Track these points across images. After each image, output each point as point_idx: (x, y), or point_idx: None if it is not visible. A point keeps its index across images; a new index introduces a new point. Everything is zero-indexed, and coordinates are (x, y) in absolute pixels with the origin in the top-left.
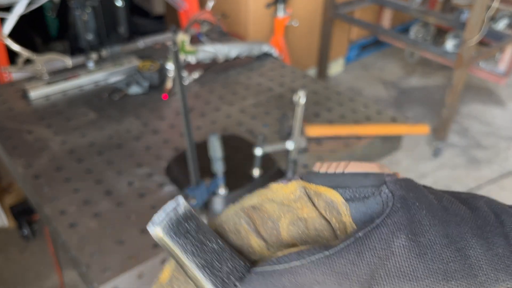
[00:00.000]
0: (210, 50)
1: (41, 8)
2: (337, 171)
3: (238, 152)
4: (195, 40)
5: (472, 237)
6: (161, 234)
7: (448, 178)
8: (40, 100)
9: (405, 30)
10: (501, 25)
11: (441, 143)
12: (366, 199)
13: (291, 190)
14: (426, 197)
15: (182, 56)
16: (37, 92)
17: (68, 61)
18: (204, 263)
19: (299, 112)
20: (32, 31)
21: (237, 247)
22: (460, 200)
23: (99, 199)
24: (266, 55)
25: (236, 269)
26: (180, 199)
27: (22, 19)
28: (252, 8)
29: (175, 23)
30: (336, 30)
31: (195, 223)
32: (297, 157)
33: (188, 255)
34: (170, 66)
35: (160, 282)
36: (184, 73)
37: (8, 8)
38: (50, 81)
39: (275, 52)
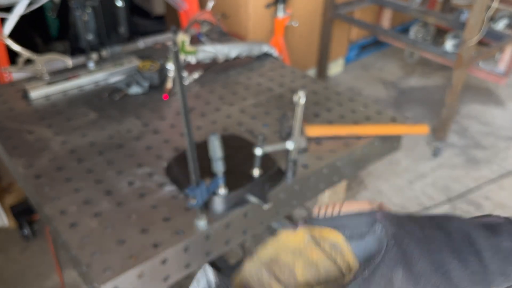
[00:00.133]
0: (210, 50)
1: (41, 8)
2: (334, 213)
3: (238, 152)
4: (195, 40)
5: (452, 260)
6: None
7: (447, 178)
8: (40, 100)
9: (405, 30)
10: (501, 25)
11: (441, 143)
12: (363, 236)
13: (300, 237)
14: (412, 230)
15: (182, 56)
16: (37, 92)
17: (69, 61)
18: None
19: (299, 112)
20: (32, 32)
21: None
22: (437, 225)
23: (100, 199)
24: (266, 55)
25: None
26: (209, 271)
27: (22, 19)
28: (252, 9)
29: (175, 23)
30: (336, 30)
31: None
32: (297, 157)
33: None
34: (170, 66)
35: None
36: (184, 73)
37: (8, 8)
38: (51, 81)
39: (275, 52)
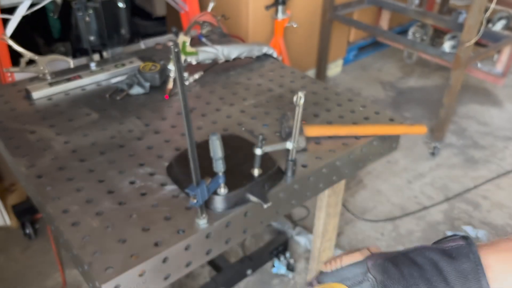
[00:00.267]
0: (211, 51)
1: (43, 9)
2: (337, 267)
3: (238, 151)
4: (196, 41)
5: None
6: None
7: (446, 177)
8: (42, 100)
9: (404, 31)
10: (499, 26)
11: (439, 143)
12: (362, 283)
13: None
14: (393, 272)
15: (183, 57)
16: (39, 93)
17: (70, 62)
18: None
19: (299, 113)
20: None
21: None
22: (411, 261)
23: (101, 199)
24: (266, 56)
25: None
26: None
27: (24, 20)
28: (252, 10)
29: (176, 25)
30: (335, 31)
31: None
32: (297, 157)
33: None
34: (171, 67)
35: None
36: (185, 74)
37: (10, 9)
38: (53, 81)
39: (274, 53)
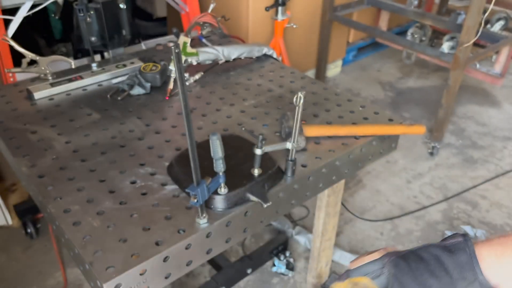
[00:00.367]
0: (211, 51)
1: (45, 10)
2: (362, 263)
3: (239, 151)
4: (196, 42)
5: (430, 279)
6: None
7: (444, 177)
8: (43, 100)
9: (403, 32)
10: (497, 27)
11: (438, 143)
12: (379, 276)
13: (346, 284)
14: (404, 266)
15: (183, 58)
16: (40, 93)
17: (72, 63)
18: None
19: (298, 113)
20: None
21: None
22: (418, 257)
23: (102, 198)
24: (266, 56)
25: None
26: None
27: (26, 21)
28: (252, 11)
29: (176, 26)
30: (334, 32)
31: None
32: (297, 157)
33: None
34: (172, 67)
35: None
36: (186, 74)
37: (12, 10)
38: (54, 82)
39: (274, 53)
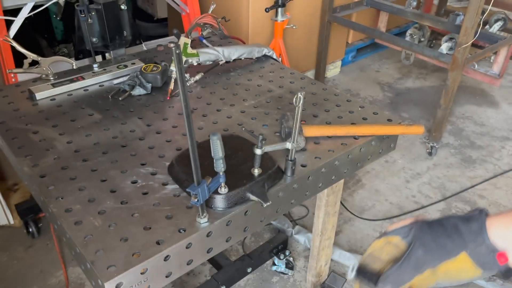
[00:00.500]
0: (212, 52)
1: (46, 12)
2: (397, 227)
3: (239, 151)
4: (197, 43)
5: (446, 240)
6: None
7: (443, 177)
8: (45, 100)
9: (401, 33)
10: (495, 27)
11: (436, 143)
12: (407, 236)
13: (382, 241)
14: (426, 230)
15: (184, 59)
16: (42, 93)
17: (73, 63)
18: None
19: (298, 113)
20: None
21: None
22: (439, 223)
23: (104, 198)
24: (266, 57)
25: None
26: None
27: (28, 22)
28: (252, 12)
29: (177, 27)
30: (333, 33)
31: None
32: (296, 157)
33: None
34: (172, 68)
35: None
36: (186, 75)
37: (14, 11)
38: (56, 82)
39: (274, 54)
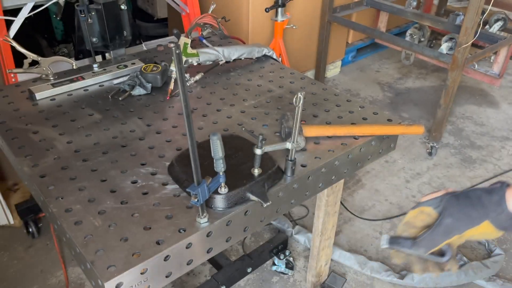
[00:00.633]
0: (212, 52)
1: (46, 12)
2: (429, 199)
3: (239, 151)
4: (197, 43)
5: (471, 210)
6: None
7: (443, 177)
8: (45, 101)
9: (401, 33)
10: (495, 27)
11: (436, 143)
12: (438, 207)
13: (416, 211)
14: (453, 200)
15: (184, 59)
16: (42, 93)
17: (73, 63)
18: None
19: (298, 113)
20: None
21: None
22: (465, 195)
23: (104, 198)
24: (266, 57)
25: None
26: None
27: (28, 22)
28: (252, 12)
29: (177, 27)
30: (333, 33)
31: None
32: (296, 157)
33: None
34: (172, 68)
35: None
36: (186, 75)
37: (14, 11)
38: (55, 82)
39: (274, 54)
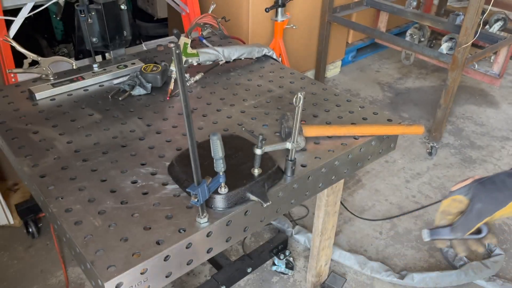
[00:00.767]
0: (212, 52)
1: (46, 12)
2: (458, 188)
3: (239, 151)
4: (197, 43)
5: (497, 193)
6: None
7: (443, 177)
8: (45, 100)
9: (401, 33)
10: (495, 27)
11: (436, 143)
12: (468, 194)
13: (449, 200)
14: (480, 187)
15: (184, 59)
16: (42, 93)
17: (73, 63)
18: None
19: (298, 113)
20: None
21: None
22: (491, 180)
23: (104, 198)
24: (266, 57)
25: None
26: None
27: (28, 22)
28: (252, 12)
29: (177, 27)
30: (333, 33)
31: None
32: (296, 157)
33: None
34: (172, 68)
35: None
36: (186, 75)
37: (14, 11)
38: (55, 82)
39: (274, 54)
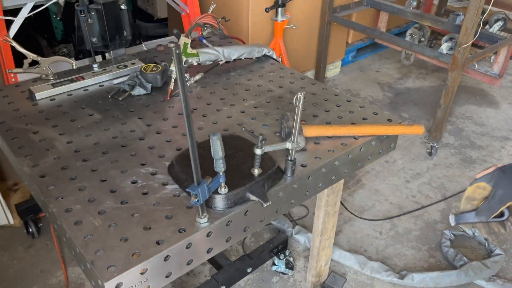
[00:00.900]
0: (212, 52)
1: (46, 12)
2: (481, 175)
3: (239, 151)
4: (197, 43)
5: None
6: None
7: (443, 177)
8: (45, 101)
9: (401, 33)
10: (495, 27)
11: (436, 143)
12: (491, 181)
13: (473, 187)
14: (503, 174)
15: (184, 59)
16: (42, 93)
17: (73, 63)
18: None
19: (298, 113)
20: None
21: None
22: (510, 168)
23: (104, 198)
24: (266, 57)
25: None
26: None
27: (28, 22)
28: (253, 12)
29: (177, 27)
30: (334, 33)
31: None
32: (296, 157)
33: None
34: (172, 68)
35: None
36: (186, 75)
37: (14, 11)
38: (55, 82)
39: (274, 54)
